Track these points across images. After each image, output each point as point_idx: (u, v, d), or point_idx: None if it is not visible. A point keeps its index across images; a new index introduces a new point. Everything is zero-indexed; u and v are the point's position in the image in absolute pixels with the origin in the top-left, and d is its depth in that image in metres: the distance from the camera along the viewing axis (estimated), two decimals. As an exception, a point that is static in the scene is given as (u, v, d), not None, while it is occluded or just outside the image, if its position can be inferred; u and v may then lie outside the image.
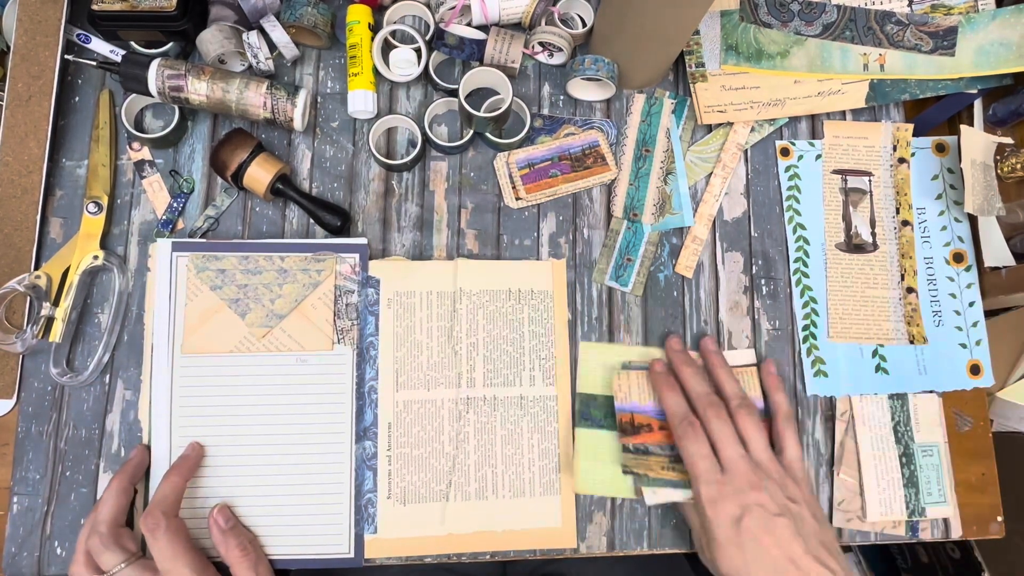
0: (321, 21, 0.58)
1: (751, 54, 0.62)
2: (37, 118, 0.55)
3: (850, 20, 0.62)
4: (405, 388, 0.55)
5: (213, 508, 0.51)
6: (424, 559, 0.53)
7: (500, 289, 0.57)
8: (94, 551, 0.47)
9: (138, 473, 0.51)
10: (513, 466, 0.55)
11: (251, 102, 0.55)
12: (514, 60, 0.59)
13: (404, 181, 0.60)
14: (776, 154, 0.63)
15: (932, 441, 0.57)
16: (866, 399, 0.58)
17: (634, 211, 0.60)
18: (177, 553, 0.47)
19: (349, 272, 0.56)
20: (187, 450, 0.52)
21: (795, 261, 0.61)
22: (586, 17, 0.63)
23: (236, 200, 0.59)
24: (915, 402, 0.58)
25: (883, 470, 0.56)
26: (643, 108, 0.62)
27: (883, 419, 0.57)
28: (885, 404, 0.57)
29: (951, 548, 0.91)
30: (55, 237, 0.56)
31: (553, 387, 0.56)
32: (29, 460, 0.53)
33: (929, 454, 0.57)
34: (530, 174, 0.60)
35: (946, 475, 0.57)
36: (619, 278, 0.59)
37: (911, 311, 0.59)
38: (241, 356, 0.54)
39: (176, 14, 0.55)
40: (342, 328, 0.55)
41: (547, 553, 0.54)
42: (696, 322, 0.59)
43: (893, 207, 0.62)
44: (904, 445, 0.57)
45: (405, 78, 0.60)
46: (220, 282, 0.55)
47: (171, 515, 0.48)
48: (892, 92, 0.62)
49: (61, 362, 0.53)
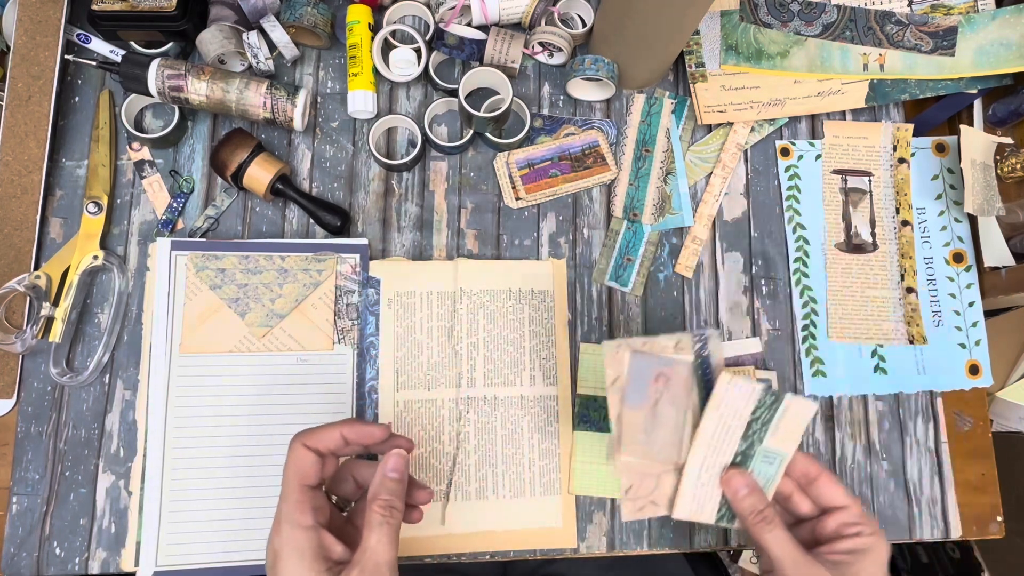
0: (321, 21, 0.58)
1: (751, 54, 0.62)
2: (37, 118, 0.55)
3: (850, 20, 0.62)
4: (405, 388, 0.55)
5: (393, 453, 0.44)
6: (424, 559, 0.53)
7: (500, 289, 0.57)
8: None
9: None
10: (513, 466, 0.55)
11: (251, 102, 0.55)
12: (514, 60, 0.59)
13: (404, 181, 0.60)
14: (776, 154, 0.63)
15: (780, 450, 0.45)
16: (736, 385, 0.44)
17: (634, 211, 0.60)
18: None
19: (350, 272, 0.56)
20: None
21: (795, 261, 0.61)
22: (586, 17, 0.63)
23: (236, 200, 0.59)
24: (788, 404, 0.45)
25: (711, 463, 0.45)
26: (643, 108, 0.62)
27: (744, 411, 0.45)
28: (755, 396, 0.44)
29: (951, 548, 0.91)
30: (55, 237, 0.56)
31: (553, 387, 0.56)
32: (28, 460, 0.53)
33: (769, 462, 0.45)
34: (530, 174, 0.60)
35: (772, 489, 0.45)
36: (619, 278, 0.59)
37: (911, 311, 0.59)
38: (241, 356, 0.54)
39: (176, 14, 0.55)
40: (342, 328, 0.55)
41: (547, 553, 0.54)
42: (696, 322, 0.59)
43: (893, 207, 0.62)
44: (749, 443, 0.45)
45: (405, 78, 0.60)
46: (220, 281, 0.55)
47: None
48: (892, 92, 0.62)
49: (61, 362, 0.53)
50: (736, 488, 0.44)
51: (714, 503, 0.45)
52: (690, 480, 0.45)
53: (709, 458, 0.45)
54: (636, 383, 0.45)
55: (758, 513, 0.44)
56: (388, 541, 0.39)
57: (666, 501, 0.46)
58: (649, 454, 0.45)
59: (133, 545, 0.51)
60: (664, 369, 0.45)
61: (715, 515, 0.46)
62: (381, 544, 0.39)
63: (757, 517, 0.44)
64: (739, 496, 0.44)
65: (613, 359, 0.45)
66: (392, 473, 0.42)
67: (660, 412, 0.45)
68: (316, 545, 0.39)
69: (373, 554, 0.39)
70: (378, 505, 0.40)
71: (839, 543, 0.43)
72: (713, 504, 0.45)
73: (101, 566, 0.51)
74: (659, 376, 0.45)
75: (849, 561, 0.42)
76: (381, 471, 0.42)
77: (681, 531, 0.55)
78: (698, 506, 0.45)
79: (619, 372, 0.45)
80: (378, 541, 0.39)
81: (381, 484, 0.41)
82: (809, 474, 0.46)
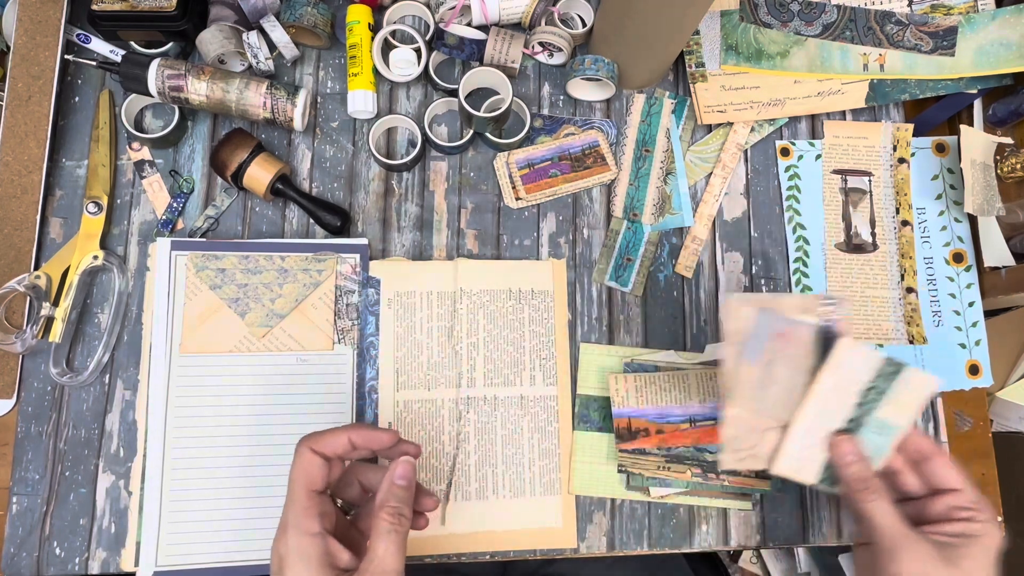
0: (321, 21, 0.58)
1: (751, 54, 0.62)
2: (37, 118, 0.55)
3: (850, 20, 0.62)
4: (405, 388, 0.55)
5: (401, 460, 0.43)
6: (424, 559, 0.53)
7: (500, 289, 0.57)
8: None
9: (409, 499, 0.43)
10: (513, 466, 0.55)
11: (251, 102, 0.55)
12: (514, 60, 0.59)
13: (404, 181, 0.60)
14: (776, 154, 0.63)
15: (894, 422, 0.45)
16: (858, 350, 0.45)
17: (634, 211, 0.60)
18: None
19: (350, 272, 0.56)
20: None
21: (795, 261, 0.61)
22: (586, 17, 0.63)
23: (236, 200, 0.59)
24: (908, 376, 0.44)
25: (819, 426, 0.45)
26: (643, 108, 0.62)
27: (861, 377, 0.45)
28: (876, 364, 0.44)
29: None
30: (55, 237, 0.56)
31: (553, 387, 0.56)
32: (28, 460, 0.53)
33: (881, 433, 0.45)
34: (530, 174, 0.60)
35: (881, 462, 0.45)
36: (619, 278, 0.59)
37: (911, 311, 0.59)
38: (241, 356, 0.54)
39: (176, 14, 0.55)
40: (342, 328, 0.55)
41: (547, 553, 0.54)
42: (696, 322, 0.59)
43: (893, 207, 0.62)
44: (862, 412, 0.45)
45: (405, 78, 0.60)
46: (220, 281, 0.55)
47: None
48: (892, 92, 0.62)
49: (61, 362, 0.53)
50: (844, 453, 0.44)
51: (816, 465, 0.45)
52: (795, 439, 0.45)
53: (818, 420, 0.45)
54: (756, 339, 0.45)
55: (862, 481, 0.43)
56: (396, 549, 0.39)
57: (766, 456, 0.46)
58: (758, 410, 0.45)
59: (133, 545, 0.51)
60: (787, 329, 0.45)
61: (816, 477, 0.46)
62: (389, 552, 0.39)
63: (861, 485, 0.43)
64: (846, 462, 0.44)
65: (737, 313, 0.45)
66: (400, 480, 0.42)
67: (775, 370, 0.45)
68: (323, 552, 0.39)
69: (381, 562, 0.38)
70: (387, 513, 0.40)
71: (947, 525, 0.43)
72: (815, 466, 0.45)
73: (101, 566, 0.51)
74: (780, 335, 0.45)
75: (956, 544, 0.42)
76: (389, 478, 0.42)
77: (681, 531, 0.55)
78: (799, 465, 0.45)
79: (740, 327, 0.45)
80: (386, 549, 0.39)
81: (389, 491, 0.41)
82: (923, 452, 0.45)
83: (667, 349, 0.58)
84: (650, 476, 0.54)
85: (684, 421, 0.55)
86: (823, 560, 0.93)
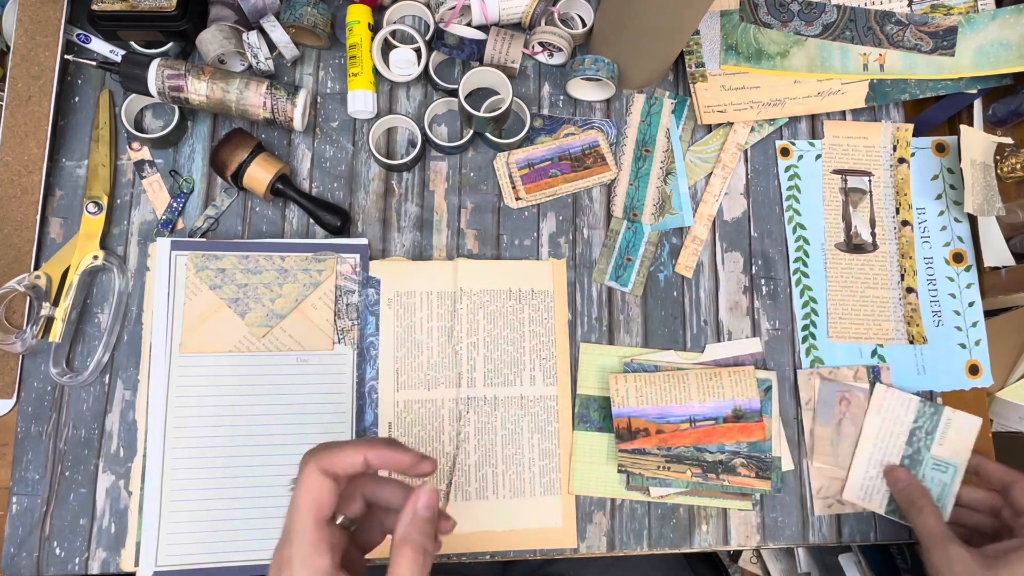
0: (321, 21, 0.58)
1: (751, 54, 0.62)
2: (37, 118, 0.55)
3: (850, 20, 0.62)
4: (405, 388, 0.55)
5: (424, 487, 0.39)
6: (424, 559, 0.53)
7: (500, 289, 0.57)
8: None
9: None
10: (513, 466, 0.55)
11: (251, 102, 0.55)
12: (514, 60, 0.59)
13: (404, 181, 0.60)
14: (776, 154, 0.63)
15: (950, 459, 0.55)
16: (893, 394, 0.56)
17: (634, 211, 0.60)
18: None
19: (350, 272, 0.56)
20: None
21: (795, 261, 0.61)
22: (586, 17, 0.63)
23: (236, 200, 0.59)
24: (950, 417, 0.55)
25: (878, 459, 0.55)
26: (643, 108, 0.62)
27: (904, 417, 0.56)
28: (914, 405, 0.56)
29: (951, 548, 0.91)
30: (55, 237, 0.56)
31: (553, 387, 0.56)
32: (28, 460, 0.53)
33: (942, 469, 0.55)
34: (530, 174, 0.60)
35: (951, 497, 0.54)
36: (619, 278, 0.59)
37: (911, 311, 0.59)
38: (241, 356, 0.54)
39: (176, 14, 0.55)
40: (342, 328, 0.55)
41: (547, 553, 0.54)
42: (696, 322, 0.59)
43: (893, 207, 0.62)
44: (915, 449, 0.55)
45: (405, 78, 0.60)
46: (220, 281, 0.55)
47: None
48: (892, 92, 0.62)
49: (61, 362, 0.53)
50: (895, 478, 0.54)
51: (882, 496, 0.55)
52: (858, 471, 0.56)
53: (875, 455, 0.56)
54: (824, 404, 0.57)
55: (912, 501, 0.52)
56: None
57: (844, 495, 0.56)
58: (835, 462, 0.56)
59: (133, 545, 0.51)
60: (847, 394, 0.57)
61: (884, 508, 0.55)
62: None
63: (910, 504, 0.52)
64: (897, 486, 0.54)
65: (805, 384, 0.57)
66: (425, 512, 0.37)
67: (843, 428, 0.57)
68: None
69: None
70: (411, 549, 0.36)
71: (1002, 542, 0.48)
72: (881, 497, 0.55)
73: (101, 566, 0.51)
74: (842, 399, 0.57)
75: (995, 555, 0.47)
76: (412, 507, 0.37)
77: (681, 531, 0.55)
78: (865, 495, 0.55)
79: (810, 395, 0.57)
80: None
81: (413, 524, 0.37)
82: (1004, 481, 0.52)
83: (667, 349, 0.58)
84: (650, 476, 0.54)
85: (684, 421, 0.55)
86: (823, 560, 0.92)
